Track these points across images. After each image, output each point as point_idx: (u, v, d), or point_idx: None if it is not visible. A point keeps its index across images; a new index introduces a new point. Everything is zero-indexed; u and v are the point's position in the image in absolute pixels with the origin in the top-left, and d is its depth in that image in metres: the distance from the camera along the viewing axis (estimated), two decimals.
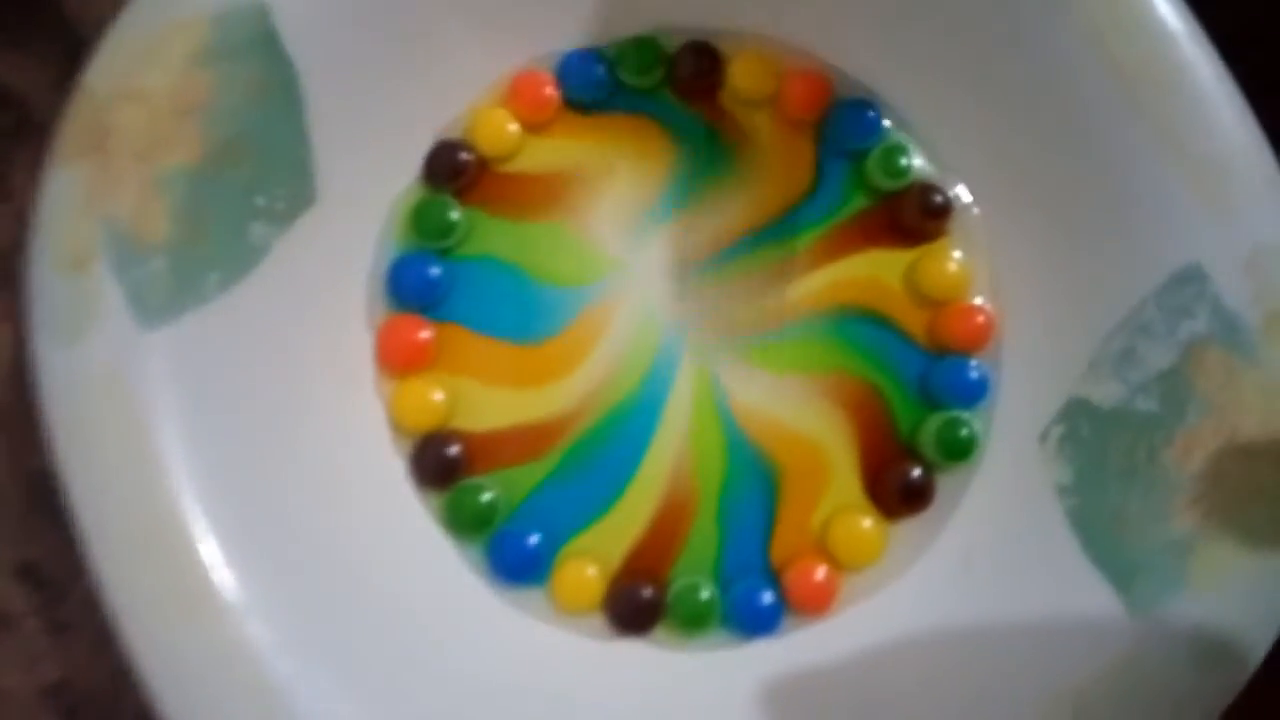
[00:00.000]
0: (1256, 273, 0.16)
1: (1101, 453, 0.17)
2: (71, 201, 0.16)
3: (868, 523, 0.18)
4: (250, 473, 0.17)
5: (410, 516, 0.18)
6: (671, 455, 0.19)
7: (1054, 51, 0.17)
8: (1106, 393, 0.17)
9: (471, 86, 0.19)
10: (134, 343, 0.16)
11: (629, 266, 0.19)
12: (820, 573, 0.18)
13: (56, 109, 0.18)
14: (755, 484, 0.19)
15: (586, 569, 0.18)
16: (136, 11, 0.16)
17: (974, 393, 0.18)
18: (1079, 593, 0.16)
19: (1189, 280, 0.16)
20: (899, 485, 0.18)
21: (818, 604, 0.18)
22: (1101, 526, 0.16)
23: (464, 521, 0.18)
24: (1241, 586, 0.15)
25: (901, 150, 0.19)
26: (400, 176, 0.19)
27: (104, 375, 0.16)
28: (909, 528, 0.18)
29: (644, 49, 0.20)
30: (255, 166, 0.17)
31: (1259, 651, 0.15)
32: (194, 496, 0.16)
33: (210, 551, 0.16)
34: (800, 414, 0.19)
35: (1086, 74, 0.17)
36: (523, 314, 0.19)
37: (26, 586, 0.20)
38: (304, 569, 0.17)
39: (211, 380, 0.17)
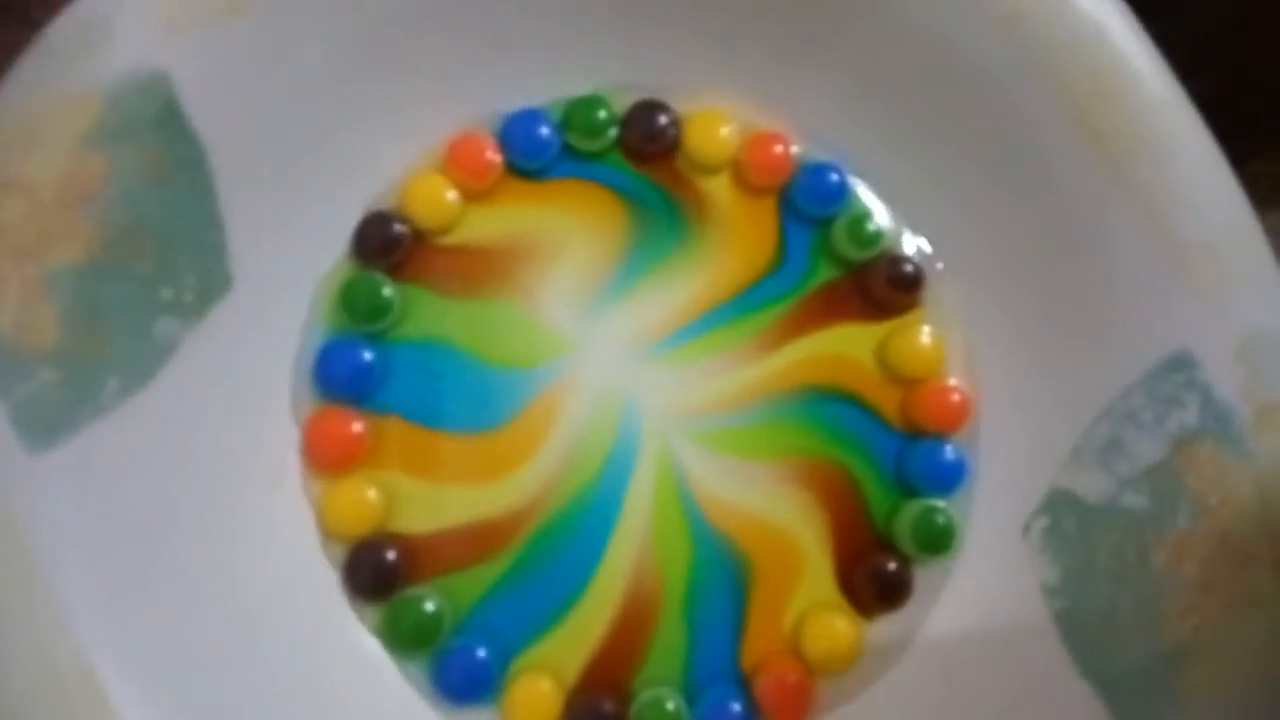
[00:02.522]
0: (1247, 361, 0.15)
1: (1088, 551, 0.16)
2: None
3: (842, 623, 0.17)
4: (165, 606, 0.15)
5: (346, 633, 0.17)
6: (633, 552, 0.17)
7: (1032, 121, 0.16)
8: (1092, 485, 0.16)
9: (404, 151, 0.18)
10: (19, 470, 0.14)
11: (583, 346, 0.18)
12: (793, 678, 0.17)
13: None
14: (724, 579, 0.17)
15: (541, 684, 0.17)
16: (15, 88, 0.14)
17: (951, 478, 0.17)
18: (1067, 705, 0.15)
19: (1178, 368, 0.16)
20: (874, 579, 0.17)
21: (793, 713, 0.17)
22: (1090, 633, 0.15)
23: (405, 636, 0.17)
24: (1236, 704, 0.14)
25: (869, 218, 0.18)
26: (326, 253, 0.18)
27: None
28: (886, 625, 0.17)
29: (593, 108, 0.18)
30: (159, 255, 0.15)
31: None
32: (101, 645, 0.14)
33: (121, 703, 0.14)
34: (769, 502, 0.18)
35: (1067, 147, 0.16)
36: (467, 401, 0.18)
37: None
38: (232, 706, 0.15)
39: (114, 503, 0.15)
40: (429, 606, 0.17)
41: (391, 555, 0.17)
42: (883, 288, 0.18)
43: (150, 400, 0.15)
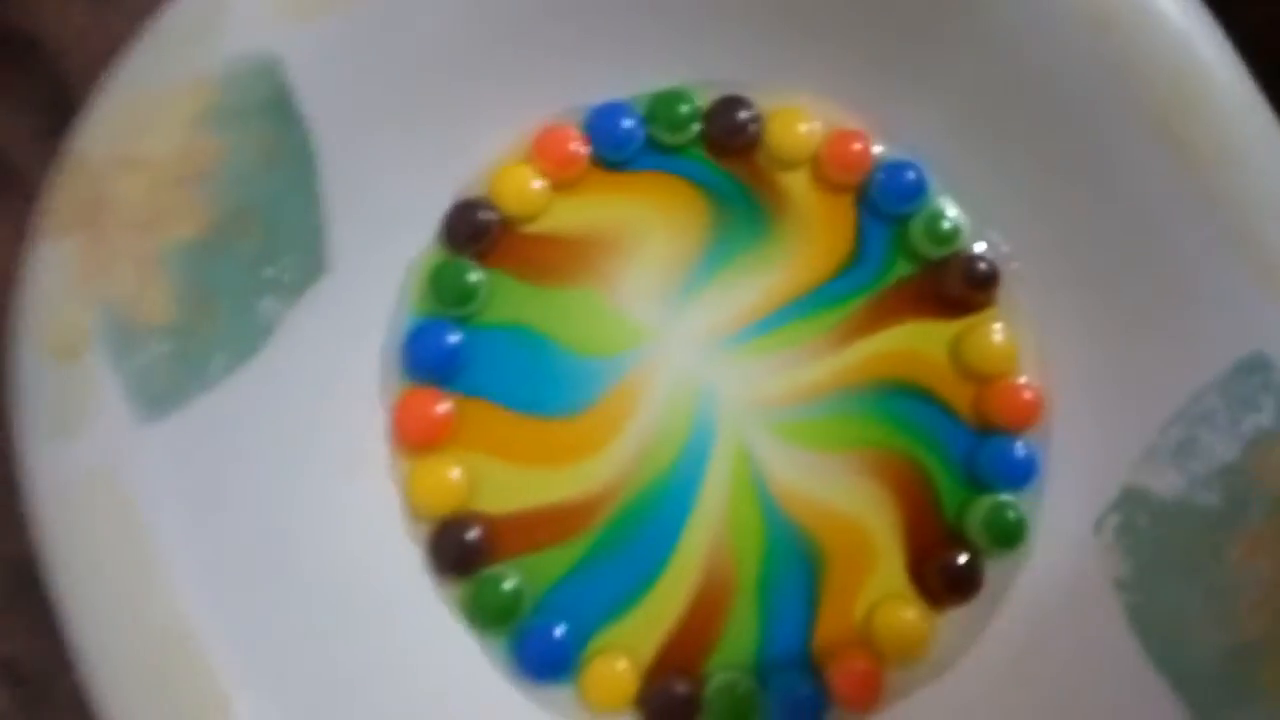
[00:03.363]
0: None
1: (1161, 547, 0.16)
2: (62, 281, 0.15)
3: (913, 613, 0.17)
4: (258, 572, 0.15)
5: (429, 608, 0.17)
6: (708, 538, 0.18)
7: (1112, 126, 0.17)
8: (1165, 483, 0.16)
9: (493, 142, 0.18)
10: (132, 438, 0.15)
11: (662, 336, 0.18)
12: (864, 666, 0.17)
13: (39, 159, 0.16)
14: (796, 567, 0.18)
15: (618, 663, 0.17)
16: (133, 70, 0.15)
17: (1022, 474, 0.18)
18: (1141, 697, 0.15)
19: (1254, 370, 0.16)
20: (944, 572, 0.17)
21: (863, 700, 0.17)
22: (1164, 627, 0.16)
23: (487, 612, 0.17)
24: None
25: (945, 216, 0.18)
26: (417, 238, 0.18)
27: (98, 475, 0.14)
28: (956, 618, 0.17)
29: (677, 102, 0.18)
30: (264, 236, 0.16)
31: None
32: (199, 605, 0.15)
33: (219, 665, 0.14)
34: (842, 493, 0.18)
35: (1147, 152, 0.16)
36: (549, 386, 0.18)
37: (5, 684, 0.18)
38: (318, 674, 0.16)
39: (214, 473, 0.15)
40: (510, 585, 0.17)
41: (475, 533, 0.17)
42: (958, 285, 0.18)
43: (251, 377, 0.16)
